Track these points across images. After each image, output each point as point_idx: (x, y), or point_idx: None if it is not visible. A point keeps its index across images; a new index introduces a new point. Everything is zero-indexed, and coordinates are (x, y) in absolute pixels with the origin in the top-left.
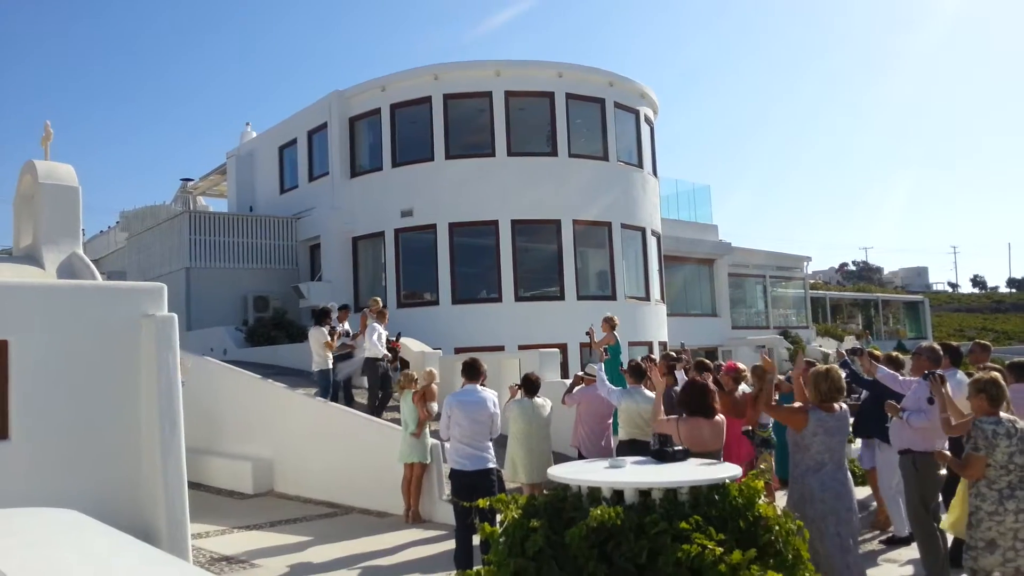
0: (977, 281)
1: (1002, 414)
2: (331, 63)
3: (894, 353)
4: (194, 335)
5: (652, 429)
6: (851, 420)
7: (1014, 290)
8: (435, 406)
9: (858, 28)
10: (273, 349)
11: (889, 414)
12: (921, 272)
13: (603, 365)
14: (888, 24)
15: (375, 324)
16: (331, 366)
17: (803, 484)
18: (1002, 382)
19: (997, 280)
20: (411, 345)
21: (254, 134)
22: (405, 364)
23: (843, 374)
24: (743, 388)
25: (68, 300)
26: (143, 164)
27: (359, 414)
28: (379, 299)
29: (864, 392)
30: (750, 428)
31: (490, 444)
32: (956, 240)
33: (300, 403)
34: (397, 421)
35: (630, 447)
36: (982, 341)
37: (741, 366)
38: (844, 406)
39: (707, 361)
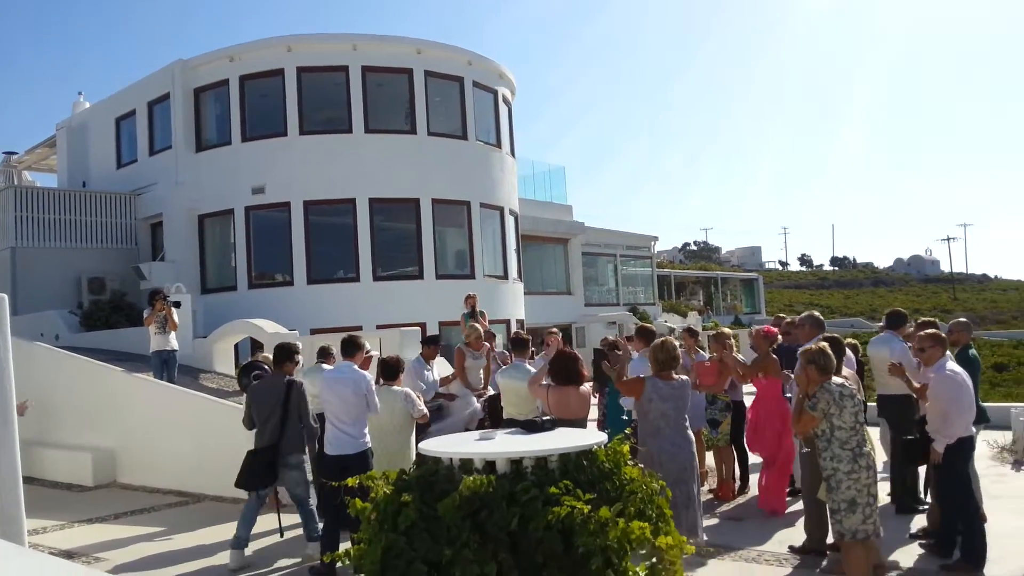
0: (804, 260)
1: (835, 378)
2: (176, 32)
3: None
4: (22, 320)
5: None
6: None
7: (836, 268)
8: None
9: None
10: (113, 333)
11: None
12: (755, 251)
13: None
14: (749, 16)
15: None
16: (169, 347)
17: (646, 448)
18: (830, 352)
19: (822, 259)
20: (265, 327)
21: (87, 104)
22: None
23: (677, 344)
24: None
25: None
26: None
27: (207, 396)
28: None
29: None
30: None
31: (355, 425)
32: (786, 221)
33: (142, 388)
34: None
35: (509, 427)
36: (929, 320)
37: (774, 329)
38: (684, 377)
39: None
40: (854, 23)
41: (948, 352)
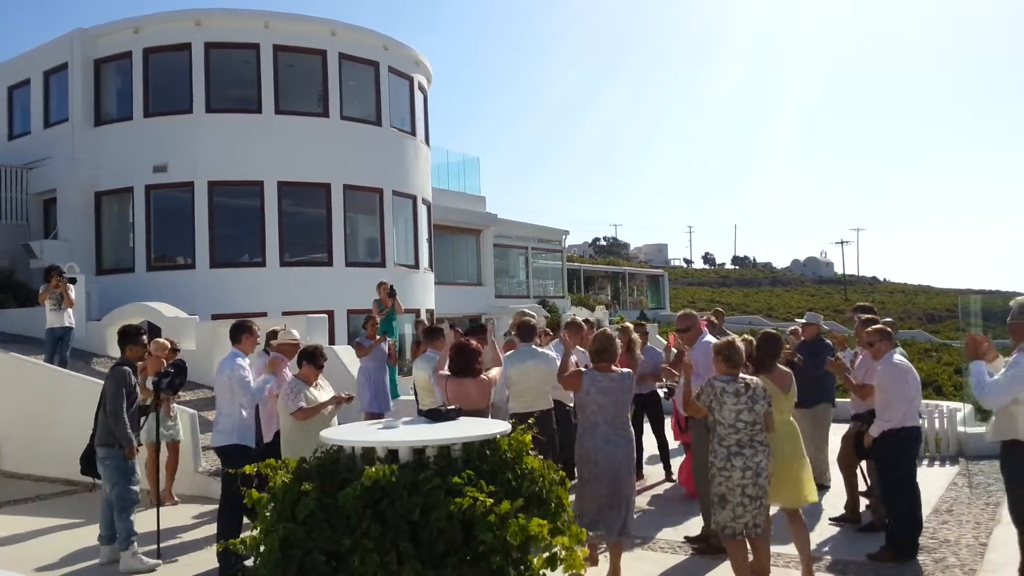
0: (707, 258)
1: (742, 375)
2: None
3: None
4: None
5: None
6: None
7: (738, 267)
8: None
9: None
10: (0, 314)
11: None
12: (662, 248)
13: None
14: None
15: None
16: (63, 324)
17: (582, 445)
18: (739, 345)
19: (724, 258)
20: (164, 311)
21: None
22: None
23: (614, 335)
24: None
25: None
26: None
27: (98, 382)
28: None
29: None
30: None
31: (223, 416)
32: (692, 220)
33: (30, 372)
34: None
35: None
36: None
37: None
38: (625, 369)
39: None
40: (768, 36)
41: (899, 348)
